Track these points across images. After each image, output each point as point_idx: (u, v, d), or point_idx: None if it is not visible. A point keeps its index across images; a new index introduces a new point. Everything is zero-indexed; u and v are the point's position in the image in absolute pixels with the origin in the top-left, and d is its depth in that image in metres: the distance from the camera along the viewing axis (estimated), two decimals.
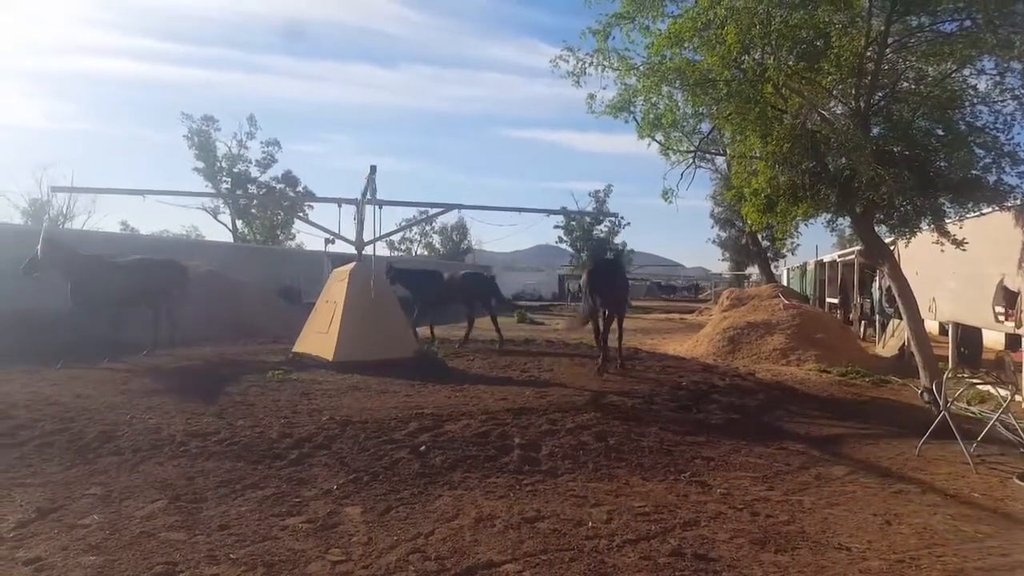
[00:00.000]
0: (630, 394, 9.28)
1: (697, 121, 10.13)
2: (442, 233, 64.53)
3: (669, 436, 7.05)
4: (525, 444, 6.44)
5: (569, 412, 7.87)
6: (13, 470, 5.45)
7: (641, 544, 4.25)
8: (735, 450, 6.68)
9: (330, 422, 7.16)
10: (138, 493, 4.98)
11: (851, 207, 8.76)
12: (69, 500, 4.82)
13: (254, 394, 8.71)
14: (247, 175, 49.25)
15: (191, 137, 47.70)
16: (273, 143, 50.24)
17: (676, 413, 8.20)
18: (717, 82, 8.48)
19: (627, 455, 6.31)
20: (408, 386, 9.57)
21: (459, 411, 7.85)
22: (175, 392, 8.67)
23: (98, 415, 7.20)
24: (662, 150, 10.28)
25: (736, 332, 14.69)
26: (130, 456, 5.85)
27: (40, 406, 7.62)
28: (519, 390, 9.37)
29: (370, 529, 4.42)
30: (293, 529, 4.38)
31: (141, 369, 10.45)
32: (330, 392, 9.01)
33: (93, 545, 4.05)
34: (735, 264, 48.61)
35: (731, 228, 39.77)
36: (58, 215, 46.73)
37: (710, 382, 10.48)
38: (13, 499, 4.81)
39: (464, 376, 10.77)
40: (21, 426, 6.70)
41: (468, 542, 4.23)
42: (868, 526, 4.70)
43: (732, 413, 8.35)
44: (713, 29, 8.07)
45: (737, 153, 9.92)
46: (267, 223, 49.56)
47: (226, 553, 3.98)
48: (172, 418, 7.23)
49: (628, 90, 9.32)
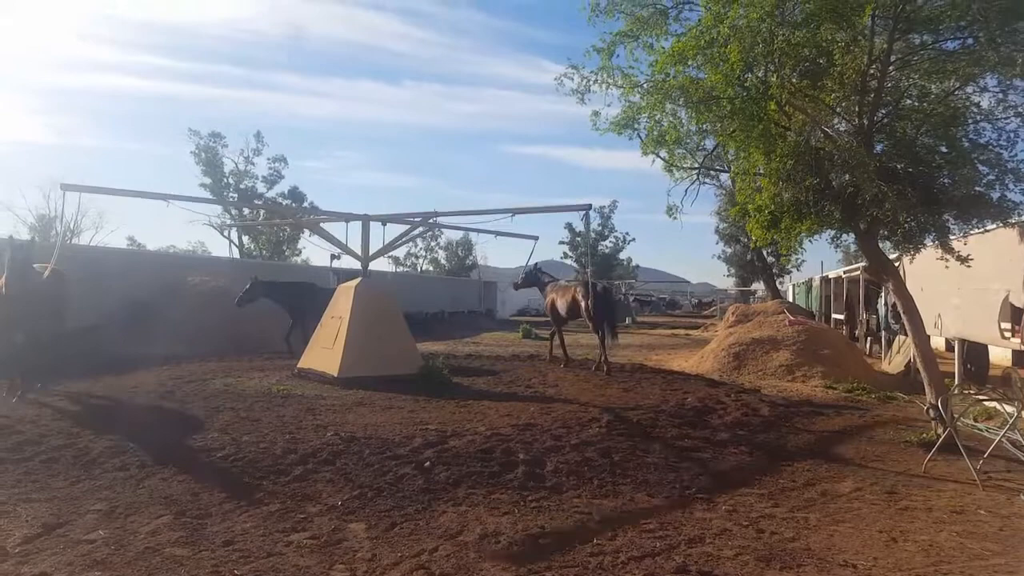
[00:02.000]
0: (635, 410, 9.26)
1: (701, 138, 10.15)
2: (447, 249, 64.74)
3: (674, 452, 7.04)
4: (530, 460, 6.44)
5: (574, 428, 7.87)
6: (19, 485, 5.47)
7: (646, 561, 4.24)
8: (740, 466, 6.66)
9: (335, 438, 7.17)
10: (143, 508, 4.99)
11: (855, 223, 8.75)
12: (75, 515, 4.83)
13: (259, 409, 8.72)
14: (254, 191, 49.54)
15: (198, 153, 48.03)
16: (280, 159, 50.62)
17: (681, 429, 8.18)
18: (721, 100, 8.51)
19: (632, 471, 6.30)
20: (413, 402, 9.58)
21: (463, 427, 7.85)
22: (180, 407, 8.70)
23: (104, 430, 7.22)
24: (666, 167, 10.31)
25: (742, 348, 14.66)
26: (136, 472, 5.87)
27: (45, 421, 7.66)
28: (524, 406, 9.36)
29: (374, 545, 4.42)
30: (298, 545, 4.38)
31: (145, 384, 10.48)
32: (335, 408, 9.02)
33: (98, 560, 4.06)
34: (740, 280, 48.59)
35: (736, 244, 39.78)
36: (65, 230, 47.07)
37: (716, 398, 10.45)
38: (19, 514, 4.82)
39: (469, 392, 10.77)
40: (27, 441, 6.73)
41: (472, 559, 4.23)
42: (874, 543, 4.68)
43: (738, 429, 8.33)
44: (716, 47, 8.12)
45: (741, 170, 9.93)
46: (273, 238, 49.78)
47: (231, 569, 3.98)
48: (177, 433, 7.25)
49: (632, 107, 9.37)
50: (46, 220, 47.34)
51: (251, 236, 49.77)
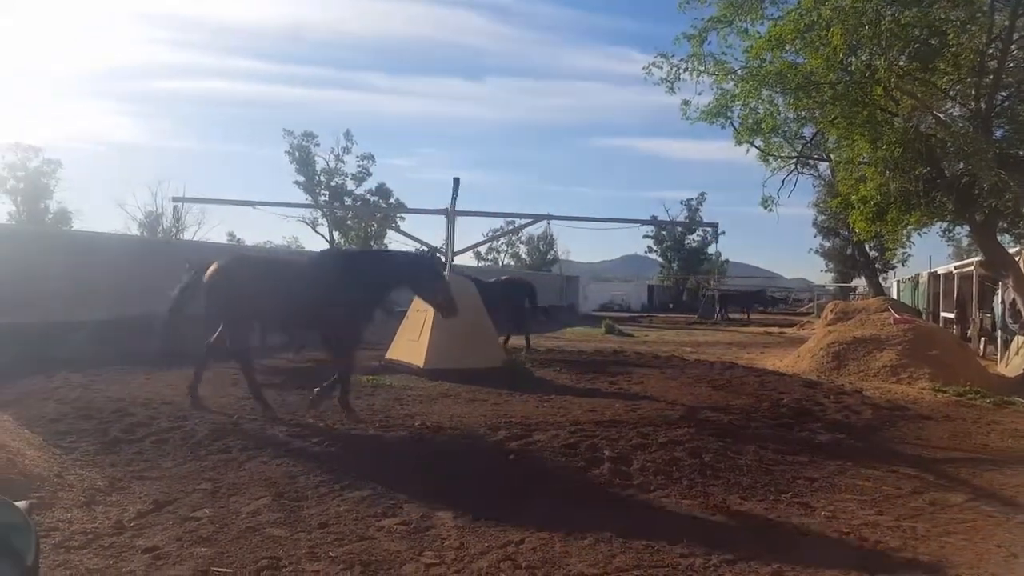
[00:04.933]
0: (726, 410, 8.97)
1: (799, 126, 9.76)
2: (528, 243, 64.99)
3: (769, 455, 6.75)
4: (615, 457, 6.33)
5: (661, 426, 7.69)
6: (133, 464, 5.85)
7: (739, 565, 4.08)
8: (840, 471, 6.32)
9: (422, 427, 7.30)
10: (244, 490, 5.23)
11: (970, 215, 8.18)
12: (182, 494, 5.11)
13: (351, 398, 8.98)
14: (343, 188, 51.36)
15: (292, 152, 50.27)
16: (368, 157, 52.30)
17: (776, 431, 7.85)
18: (821, 85, 8.12)
19: (723, 473, 6.09)
20: (496, 395, 9.63)
21: (547, 421, 7.83)
22: (277, 393, 9.07)
23: (208, 414, 7.62)
24: (761, 156, 9.97)
25: (841, 347, 13.95)
26: (237, 454, 6.16)
27: (156, 405, 8.15)
28: (608, 402, 9.24)
29: (461, 534, 4.45)
30: (388, 530, 4.48)
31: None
32: (421, 398, 9.19)
33: (204, 537, 4.29)
34: (840, 275, 46.49)
35: (835, 237, 38.09)
36: (171, 227, 50.35)
37: (814, 399, 9.99)
38: (133, 491, 5.15)
39: (551, 387, 10.74)
40: (139, 423, 7.16)
41: (559, 553, 4.19)
42: (991, 558, 4.32)
43: (837, 432, 7.91)
44: (817, 30, 7.74)
45: (843, 159, 9.48)
46: (361, 234, 51.44)
47: (326, 551, 4.11)
48: (274, 420, 7.56)
49: (725, 95, 9.10)
50: (153, 216, 50.79)
51: (341, 231, 51.59)
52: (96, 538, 4.19)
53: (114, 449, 6.23)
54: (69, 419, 7.19)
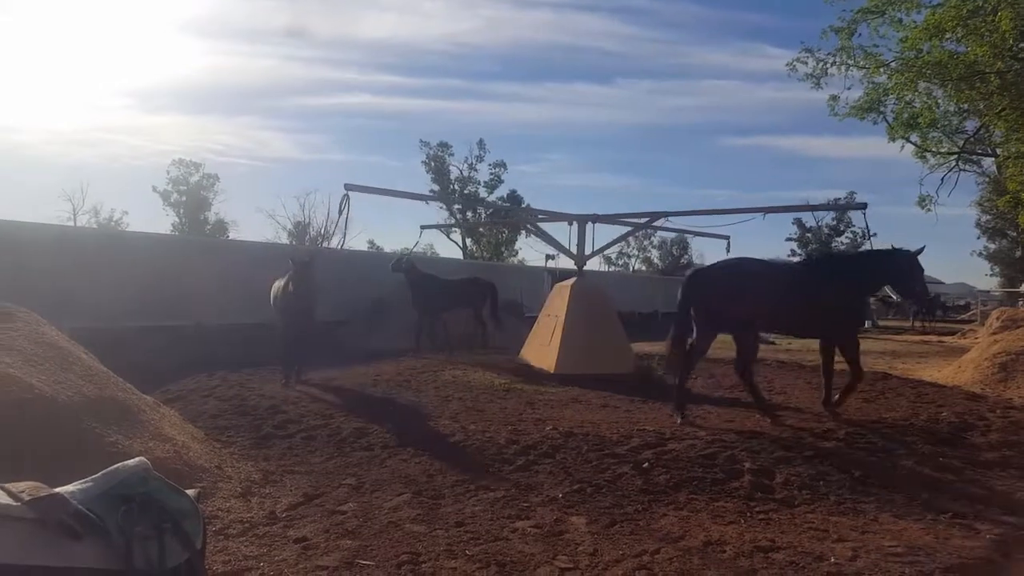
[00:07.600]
0: (879, 423, 8.29)
1: (961, 119, 8.93)
2: (661, 248, 63.64)
3: (927, 472, 6.16)
4: (756, 470, 6.02)
5: (807, 439, 7.22)
6: (285, 458, 6.30)
7: None
8: (1009, 492, 5.65)
9: (553, 432, 7.32)
10: (386, 486, 5.48)
11: None
12: (329, 488, 5.44)
13: (484, 400, 9.20)
14: (476, 196, 52.83)
15: (428, 163, 52.46)
16: (500, 165, 53.53)
17: (935, 447, 7.14)
18: (987, 74, 7.37)
19: (876, 489, 5.62)
20: (628, 401, 9.48)
21: (682, 430, 7.59)
22: (415, 396, 9.45)
23: (353, 414, 8.07)
24: (918, 152, 9.19)
25: (1010, 358, 12.48)
26: (379, 452, 6.47)
27: (305, 403, 8.72)
28: (747, 412, 8.82)
29: (595, 540, 4.42)
30: (522, 532, 4.53)
31: (386, 375, 11.55)
32: (552, 403, 9.22)
33: (349, 530, 4.53)
34: (1007, 280, 41.76)
35: (1002, 239, 34.30)
36: (317, 235, 53.99)
37: (977, 413, 8.99)
38: (284, 484, 5.55)
39: (686, 395, 10.39)
40: (290, 420, 7.65)
41: (696, 565, 4.05)
42: None
43: (1005, 450, 7.07)
44: (982, 16, 7.03)
45: (1012, 153, 8.53)
46: (493, 240, 52.64)
47: (463, 549, 4.22)
48: (412, 420, 7.89)
49: (877, 89, 8.49)
50: (301, 226, 54.74)
51: (473, 238, 53.05)
52: (252, 527, 4.55)
53: (267, 444, 6.73)
54: (227, 415, 7.81)
